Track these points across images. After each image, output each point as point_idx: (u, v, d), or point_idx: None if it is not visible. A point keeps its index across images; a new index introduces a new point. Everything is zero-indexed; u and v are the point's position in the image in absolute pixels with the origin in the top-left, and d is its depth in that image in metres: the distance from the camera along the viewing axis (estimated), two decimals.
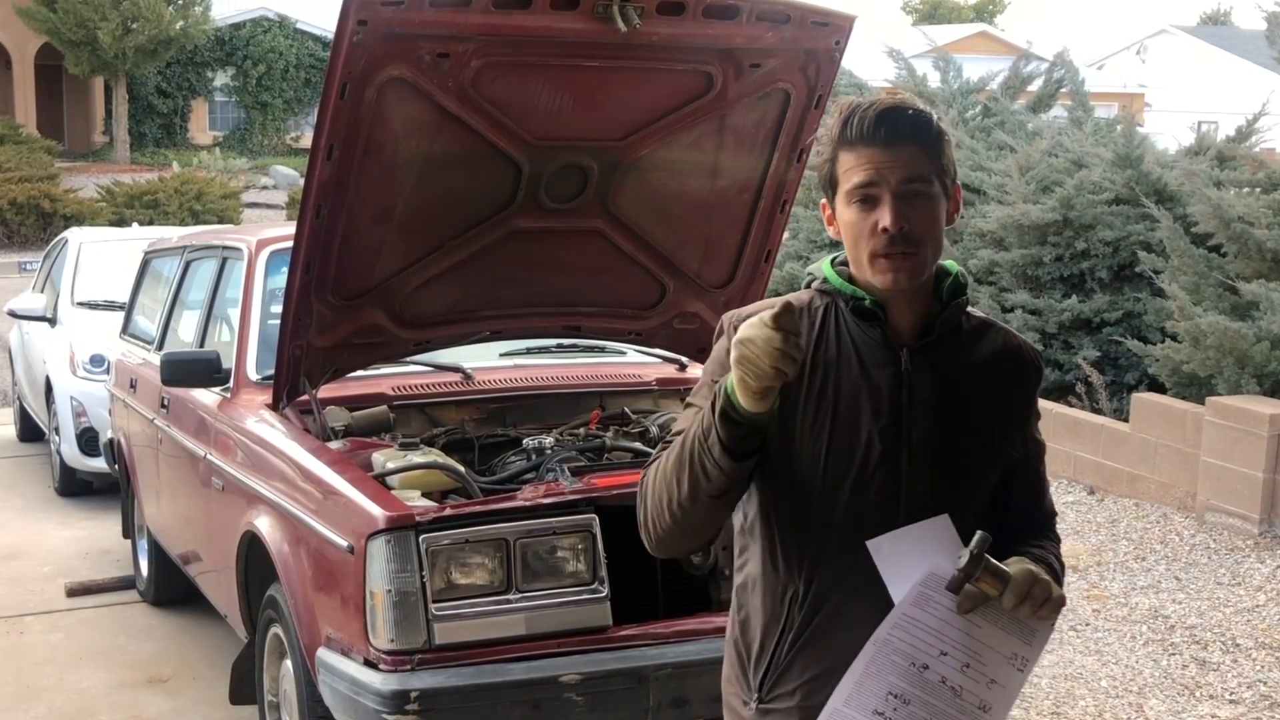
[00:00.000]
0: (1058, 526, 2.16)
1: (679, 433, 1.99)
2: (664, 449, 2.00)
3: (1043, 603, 1.87)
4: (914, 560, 1.85)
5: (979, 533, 1.83)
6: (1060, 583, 1.98)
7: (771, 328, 1.77)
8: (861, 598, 1.90)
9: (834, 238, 2.00)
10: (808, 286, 2.06)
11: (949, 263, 2.04)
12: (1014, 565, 1.88)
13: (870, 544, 1.87)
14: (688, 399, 2.07)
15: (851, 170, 1.91)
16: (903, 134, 1.90)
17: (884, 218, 1.89)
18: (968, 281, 2.04)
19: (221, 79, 35.78)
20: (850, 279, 2.00)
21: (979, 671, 1.82)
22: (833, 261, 2.04)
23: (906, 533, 1.86)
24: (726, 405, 1.84)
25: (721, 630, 3.43)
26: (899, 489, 1.93)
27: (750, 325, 1.80)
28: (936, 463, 1.94)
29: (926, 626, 1.83)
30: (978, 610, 1.85)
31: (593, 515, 3.45)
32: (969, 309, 2.06)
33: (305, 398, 4.07)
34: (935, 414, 1.95)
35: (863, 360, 1.96)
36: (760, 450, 1.90)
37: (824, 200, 2.01)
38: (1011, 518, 2.05)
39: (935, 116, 1.96)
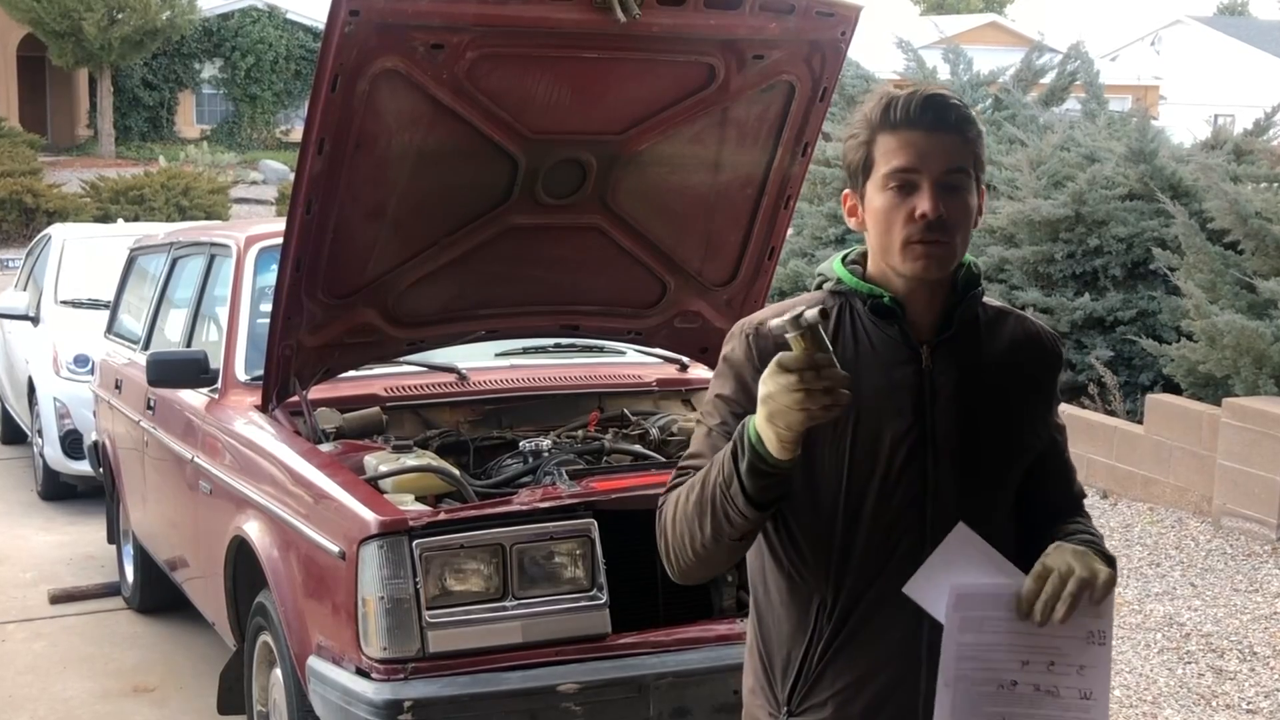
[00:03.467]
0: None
1: (692, 456, 1.95)
2: (679, 476, 1.96)
3: (1080, 593, 1.78)
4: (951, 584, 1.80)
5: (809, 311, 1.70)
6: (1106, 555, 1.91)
7: (781, 369, 1.70)
8: (891, 604, 1.86)
9: (855, 229, 1.97)
10: (818, 288, 2.01)
11: None
12: (1050, 556, 1.82)
13: (906, 589, 1.83)
14: (698, 417, 2.02)
15: (892, 154, 1.89)
16: (948, 122, 1.89)
17: (923, 204, 1.86)
18: (981, 271, 2.02)
19: (209, 71, 35.61)
20: (864, 277, 1.95)
21: (1065, 664, 1.79)
22: (844, 260, 2.00)
23: (935, 560, 1.82)
24: (755, 458, 1.76)
25: (724, 638, 3.44)
26: (925, 490, 1.90)
27: (765, 377, 1.73)
28: (962, 460, 1.92)
29: (994, 645, 1.79)
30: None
31: (591, 520, 3.41)
32: (985, 298, 2.03)
33: (295, 399, 4.03)
34: (958, 410, 1.92)
35: (882, 360, 1.92)
36: (787, 494, 1.84)
37: (847, 190, 1.97)
38: (1043, 505, 2.02)
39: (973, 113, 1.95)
